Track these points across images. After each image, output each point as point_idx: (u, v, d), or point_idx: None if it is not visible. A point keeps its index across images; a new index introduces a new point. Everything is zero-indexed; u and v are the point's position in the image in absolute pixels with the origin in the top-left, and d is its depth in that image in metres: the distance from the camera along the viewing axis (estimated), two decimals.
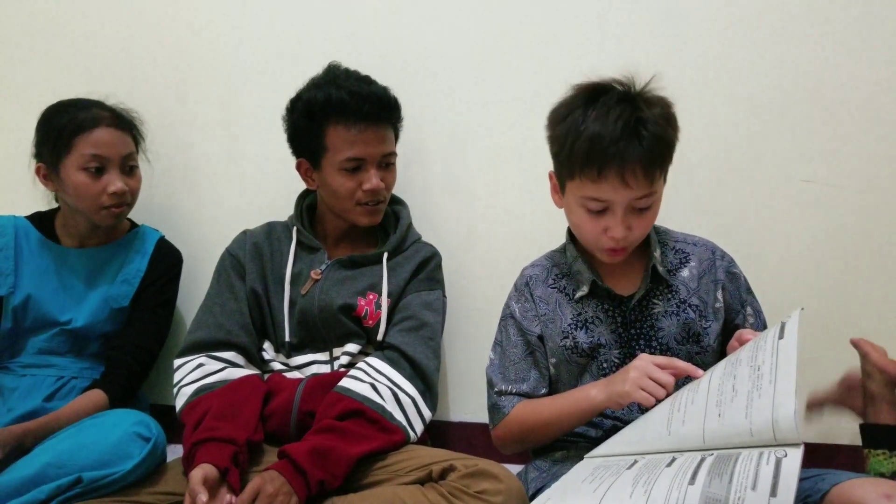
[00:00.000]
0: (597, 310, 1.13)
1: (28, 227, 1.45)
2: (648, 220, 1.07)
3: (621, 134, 0.98)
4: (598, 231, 1.06)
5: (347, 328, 1.30)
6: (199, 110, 1.66)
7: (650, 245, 1.14)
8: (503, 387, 1.16)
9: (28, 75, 1.72)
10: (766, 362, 0.86)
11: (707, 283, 1.14)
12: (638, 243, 1.10)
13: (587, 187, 1.02)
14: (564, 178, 1.08)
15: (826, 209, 1.42)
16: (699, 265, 1.15)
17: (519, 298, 1.20)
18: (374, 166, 1.30)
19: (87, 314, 1.41)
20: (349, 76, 1.32)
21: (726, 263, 1.17)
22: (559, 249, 1.23)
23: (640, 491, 0.79)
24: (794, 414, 0.78)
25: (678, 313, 1.12)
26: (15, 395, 1.34)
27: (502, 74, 1.52)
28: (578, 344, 1.13)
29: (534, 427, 1.12)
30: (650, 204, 1.04)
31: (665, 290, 1.13)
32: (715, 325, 1.13)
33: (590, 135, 1.00)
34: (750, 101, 1.43)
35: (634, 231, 1.05)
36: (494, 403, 1.17)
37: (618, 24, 1.46)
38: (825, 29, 1.38)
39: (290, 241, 1.36)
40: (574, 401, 1.08)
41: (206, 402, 1.18)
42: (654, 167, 1.01)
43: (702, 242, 1.19)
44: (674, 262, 1.15)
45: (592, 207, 1.04)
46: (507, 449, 1.18)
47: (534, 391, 1.15)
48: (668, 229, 1.21)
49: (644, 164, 0.99)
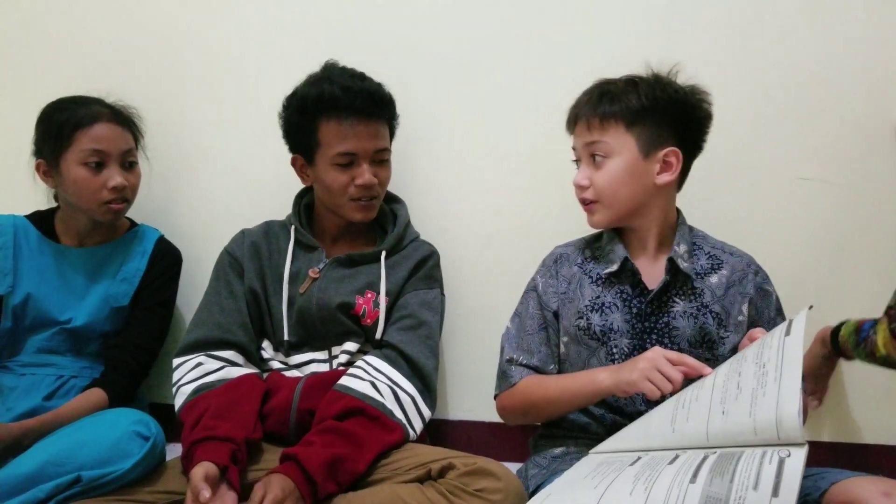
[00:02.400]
0: (616, 297, 1.15)
1: (27, 225, 1.45)
2: (604, 175, 1.13)
3: (584, 96, 1.17)
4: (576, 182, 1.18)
5: (346, 327, 1.30)
6: (197, 110, 1.65)
7: (676, 239, 1.16)
8: (514, 355, 1.18)
9: (26, 75, 1.71)
10: (771, 360, 0.85)
11: (734, 294, 1.15)
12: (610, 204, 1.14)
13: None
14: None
15: (823, 206, 1.42)
16: (730, 275, 1.16)
17: (545, 273, 1.23)
18: (366, 161, 1.30)
19: (86, 313, 1.40)
20: (343, 72, 1.32)
21: (760, 279, 1.17)
22: (595, 234, 1.25)
23: (641, 488, 0.79)
24: (798, 413, 0.77)
25: (697, 316, 1.12)
26: (14, 394, 1.34)
27: (502, 73, 1.52)
28: (591, 325, 1.14)
29: (538, 402, 1.14)
30: (603, 153, 1.12)
31: (689, 290, 1.14)
32: (734, 337, 1.13)
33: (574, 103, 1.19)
34: (747, 99, 1.42)
35: (594, 183, 1.14)
36: (504, 371, 1.19)
37: (615, 23, 1.46)
38: (825, 27, 1.38)
39: (288, 240, 1.36)
40: (581, 382, 1.09)
41: (204, 402, 1.18)
42: (603, 115, 1.11)
43: (739, 254, 1.20)
44: (705, 266, 1.16)
45: (573, 157, 1.20)
46: (508, 419, 1.20)
47: (543, 365, 1.17)
48: (707, 235, 1.22)
49: (591, 112, 1.13)
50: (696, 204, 1.40)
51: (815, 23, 1.39)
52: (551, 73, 1.49)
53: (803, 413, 1.03)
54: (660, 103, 1.10)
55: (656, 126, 1.11)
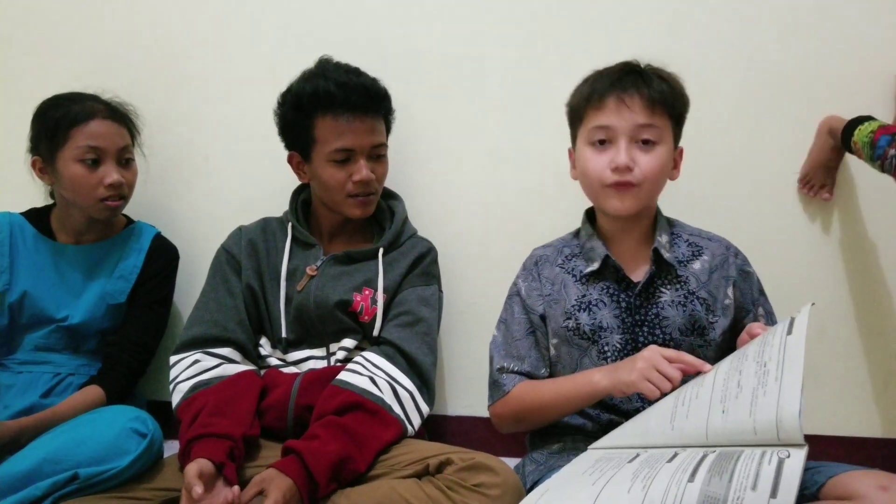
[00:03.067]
0: (602, 293, 1.14)
1: (23, 223, 1.44)
2: (652, 160, 1.07)
3: (621, 73, 1.08)
4: (604, 165, 1.08)
5: (343, 324, 1.30)
6: (195, 107, 1.65)
7: (657, 230, 1.15)
8: (504, 363, 1.16)
9: (25, 72, 1.71)
10: (772, 359, 0.84)
11: (718, 278, 1.14)
12: (646, 192, 1.09)
13: (591, 120, 1.09)
14: (576, 129, 1.13)
15: (823, 206, 1.42)
16: (712, 260, 1.15)
17: (526, 277, 1.21)
18: (363, 157, 1.30)
19: (83, 311, 1.40)
20: (338, 68, 1.31)
21: (740, 262, 1.17)
22: (573, 233, 1.24)
23: (639, 486, 0.78)
24: (798, 414, 0.76)
25: (685, 304, 1.12)
26: (11, 391, 1.34)
27: (501, 71, 1.51)
28: (580, 325, 1.13)
29: (532, 407, 1.12)
30: (654, 139, 1.07)
31: (674, 279, 1.13)
32: (722, 321, 1.13)
33: (593, 78, 1.11)
34: (748, 99, 1.42)
35: (641, 167, 1.06)
36: (495, 380, 1.17)
37: (616, 22, 1.46)
38: (826, 27, 1.38)
39: (286, 237, 1.36)
40: (577, 385, 1.07)
41: (202, 399, 1.18)
42: (654, 99, 1.06)
43: (717, 238, 1.19)
44: (686, 253, 1.16)
45: (597, 137, 1.09)
46: (503, 427, 1.18)
47: (534, 370, 1.15)
48: (684, 223, 1.22)
49: (642, 90, 1.05)
50: (695, 203, 1.40)
51: (816, 22, 1.38)
52: (551, 71, 1.49)
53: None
54: (686, 101, 1.11)
55: (679, 122, 1.12)
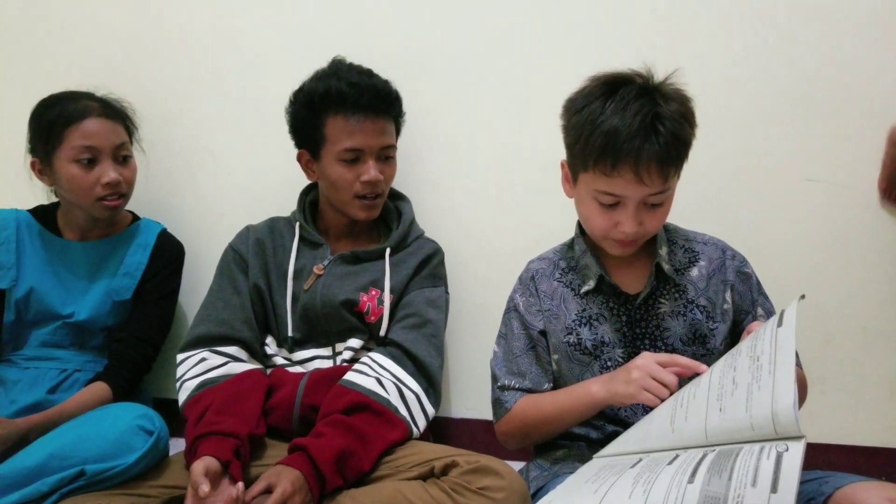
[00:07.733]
0: (602, 307, 1.12)
1: (30, 220, 1.45)
2: (660, 216, 1.06)
3: (638, 130, 0.96)
4: (609, 225, 1.05)
5: (350, 323, 1.30)
6: (202, 105, 1.65)
7: (657, 242, 1.13)
8: (506, 381, 1.15)
9: (28, 70, 1.71)
10: (765, 352, 0.83)
11: (716, 283, 1.12)
12: (649, 237, 1.09)
13: (600, 181, 1.02)
14: (578, 169, 1.07)
15: (830, 208, 1.42)
16: (709, 265, 1.13)
17: (524, 292, 1.19)
18: (372, 158, 1.30)
19: (89, 307, 1.41)
20: (351, 69, 1.32)
21: (737, 263, 1.14)
22: (567, 244, 1.22)
23: (640, 490, 0.78)
24: (793, 405, 0.74)
25: (685, 313, 1.10)
26: (18, 387, 1.34)
27: (507, 70, 1.51)
28: (582, 341, 1.11)
29: (535, 422, 1.11)
30: (663, 200, 1.04)
31: (672, 289, 1.12)
32: (722, 326, 1.11)
33: (606, 129, 0.98)
34: (753, 102, 1.42)
35: (646, 226, 1.04)
36: (497, 398, 1.16)
37: (622, 22, 1.45)
38: (832, 28, 1.37)
39: (293, 237, 1.36)
40: (575, 397, 1.07)
41: (208, 397, 1.18)
42: (670, 165, 0.99)
43: (712, 241, 1.17)
44: (682, 260, 1.14)
45: (605, 201, 1.04)
46: (510, 444, 1.17)
47: (537, 386, 1.14)
48: (678, 227, 1.20)
49: (659, 161, 0.97)
50: (703, 206, 1.40)
51: (822, 24, 1.38)
52: (558, 73, 1.48)
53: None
54: (694, 129, 1.03)
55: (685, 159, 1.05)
